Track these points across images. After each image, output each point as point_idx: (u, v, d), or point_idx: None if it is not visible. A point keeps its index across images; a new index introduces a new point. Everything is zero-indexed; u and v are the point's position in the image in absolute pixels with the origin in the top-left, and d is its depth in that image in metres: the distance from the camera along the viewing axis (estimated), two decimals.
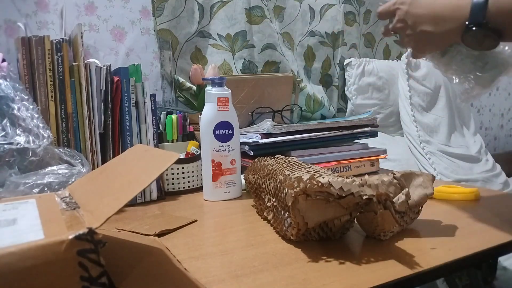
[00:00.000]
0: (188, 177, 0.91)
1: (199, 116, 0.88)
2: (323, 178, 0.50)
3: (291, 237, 0.56)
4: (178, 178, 0.90)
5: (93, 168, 0.79)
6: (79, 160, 0.75)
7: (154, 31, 1.19)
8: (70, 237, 0.30)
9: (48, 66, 0.78)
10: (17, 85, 0.75)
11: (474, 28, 0.51)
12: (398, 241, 0.57)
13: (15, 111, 0.72)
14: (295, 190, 0.51)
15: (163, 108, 1.12)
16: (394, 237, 0.58)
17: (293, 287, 0.44)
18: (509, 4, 0.49)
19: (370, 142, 1.08)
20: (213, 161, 0.82)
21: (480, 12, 0.50)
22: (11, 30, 1.00)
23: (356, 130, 1.04)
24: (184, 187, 0.91)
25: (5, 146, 0.68)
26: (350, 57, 1.54)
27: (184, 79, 1.21)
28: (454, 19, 0.54)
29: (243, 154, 0.91)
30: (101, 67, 0.81)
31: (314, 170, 0.62)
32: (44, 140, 0.72)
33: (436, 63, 0.66)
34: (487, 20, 0.50)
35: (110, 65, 0.83)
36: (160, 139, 0.94)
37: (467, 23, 0.52)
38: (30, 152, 0.70)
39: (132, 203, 0.82)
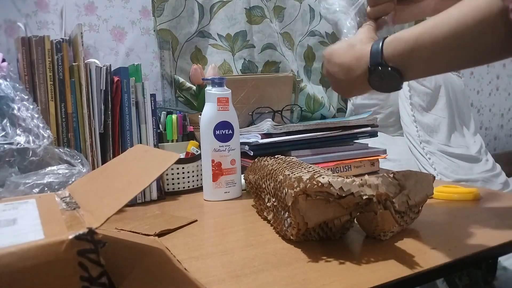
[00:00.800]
0: (188, 177, 0.91)
1: (199, 116, 0.88)
2: (323, 178, 0.50)
3: (291, 237, 0.56)
4: (178, 178, 0.90)
5: (93, 168, 0.79)
6: (79, 160, 0.75)
7: (154, 31, 1.19)
8: (70, 237, 0.30)
9: (48, 66, 0.78)
10: (17, 85, 0.75)
11: (374, 69, 0.54)
12: (398, 241, 0.57)
13: (15, 111, 0.72)
14: (295, 190, 0.51)
15: (163, 108, 1.12)
16: (394, 237, 0.58)
17: (293, 287, 0.44)
18: (400, 46, 0.52)
19: (370, 142, 1.08)
20: (213, 161, 0.82)
21: (378, 55, 0.53)
22: (11, 30, 1.00)
23: (356, 130, 1.04)
24: (184, 187, 0.91)
25: (5, 146, 0.68)
26: None
27: (184, 79, 1.21)
28: (359, 67, 0.57)
29: (243, 154, 0.91)
30: (101, 67, 0.81)
31: (314, 170, 0.62)
32: (44, 140, 0.72)
33: None
34: (385, 60, 0.53)
35: (110, 65, 0.83)
36: (160, 139, 0.94)
37: (369, 65, 0.55)
38: (30, 152, 0.70)
39: (132, 203, 0.82)
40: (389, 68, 0.53)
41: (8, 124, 0.71)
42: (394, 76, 0.53)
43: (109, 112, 0.82)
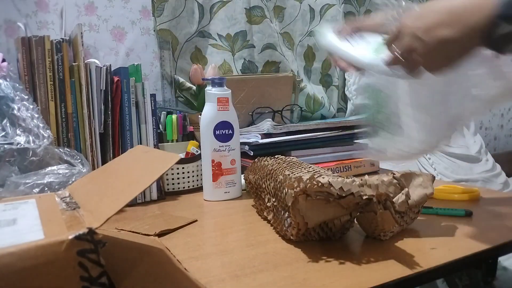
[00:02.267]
0: (188, 177, 0.91)
1: (199, 116, 0.88)
2: (323, 178, 0.50)
3: (291, 237, 0.56)
4: (178, 178, 0.90)
5: (93, 168, 0.79)
6: (79, 160, 0.75)
7: (154, 31, 1.19)
8: (70, 237, 0.30)
9: (48, 66, 0.78)
10: (17, 85, 0.75)
11: (503, 22, 0.42)
12: (398, 241, 0.57)
13: (15, 111, 0.72)
14: (295, 190, 0.51)
15: (163, 108, 1.11)
16: (394, 237, 0.58)
17: (293, 287, 0.44)
18: None
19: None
20: (213, 161, 0.82)
21: None
22: (11, 30, 1.00)
23: (356, 130, 1.04)
24: (184, 187, 0.91)
25: (5, 146, 0.68)
26: None
27: (184, 79, 1.21)
28: (478, 13, 0.44)
29: (243, 154, 0.91)
30: (101, 67, 0.81)
31: (314, 170, 0.63)
32: (44, 140, 0.72)
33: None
34: None
35: (110, 65, 0.83)
36: (160, 139, 0.94)
37: (499, 13, 0.43)
38: (30, 152, 0.70)
39: (132, 203, 0.82)
40: None
41: (8, 124, 0.71)
42: None
43: (109, 112, 0.82)
